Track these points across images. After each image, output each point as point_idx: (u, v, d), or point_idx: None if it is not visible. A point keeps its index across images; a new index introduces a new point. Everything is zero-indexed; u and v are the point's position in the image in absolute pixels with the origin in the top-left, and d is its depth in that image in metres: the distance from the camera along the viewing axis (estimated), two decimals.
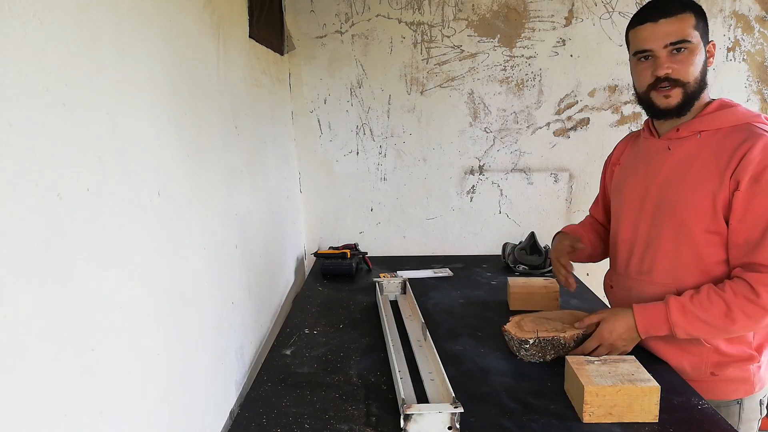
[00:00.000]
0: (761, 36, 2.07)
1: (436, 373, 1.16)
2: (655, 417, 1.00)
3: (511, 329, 1.28)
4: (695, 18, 1.11)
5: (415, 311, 1.47)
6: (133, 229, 0.79)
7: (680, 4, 1.12)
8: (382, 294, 1.65)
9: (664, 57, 1.12)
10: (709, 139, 1.14)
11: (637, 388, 0.99)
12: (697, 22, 1.11)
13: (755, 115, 1.13)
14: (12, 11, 0.54)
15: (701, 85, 1.14)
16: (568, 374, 1.11)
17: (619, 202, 1.34)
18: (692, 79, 1.12)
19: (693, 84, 1.12)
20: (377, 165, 2.24)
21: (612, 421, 1.01)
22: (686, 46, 1.11)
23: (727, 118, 1.14)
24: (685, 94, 1.13)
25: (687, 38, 1.10)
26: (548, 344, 1.23)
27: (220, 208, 1.21)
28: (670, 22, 1.11)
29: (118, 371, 0.73)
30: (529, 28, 2.09)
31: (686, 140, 1.17)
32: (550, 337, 1.23)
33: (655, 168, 1.22)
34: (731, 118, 1.13)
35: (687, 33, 1.10)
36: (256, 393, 1.15)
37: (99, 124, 0.70)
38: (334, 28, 2.11)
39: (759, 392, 1.18)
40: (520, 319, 1.32)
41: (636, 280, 1.27)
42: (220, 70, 1.25)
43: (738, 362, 1.15)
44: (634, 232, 1.27)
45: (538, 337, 1.23)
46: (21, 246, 0.54)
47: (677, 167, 1.17)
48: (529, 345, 1.23)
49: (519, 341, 1.24)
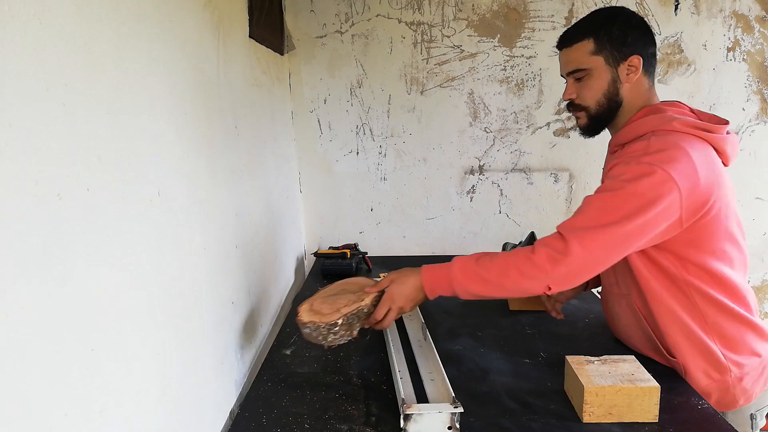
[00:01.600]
0: (761, 36, 2.07)
1: (436, 373, 1.15)
2: (655, 417, 1.00)
3: (313, 318, 1.13)
4: (595, 43, 1.13)
5: (415, 311, 1.47)
6: (133, 229, 0.79)
7: (578, 32, 1.16)
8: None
9: (570, 83, 1.20)
10: (624, 153, 1.14)
11: (637, 388, 0.99)
12: (598, 47, 1.13)
13: (666, 122, 1.10)
14: (12, 11, 0.54)
15: (611, 105, 1.16)
16: (567, 374, 1.11)
17: None
18: (592, 103, 1.17)
19: (595, 107, 1.17)
20: (377, 165, 2.24)
21: (612, 421, 1.01)
22: (582, 74, 1.16)
23: (637, 128, 1.14)
24: (590, 116, 1.19)
25: (581, 66, 1.16)
26: (354, 318, 1.14)
27: (220, 207, 1.21)
28: (569, 51, 1.17)
29: (118, 371, 0.73)
30: (529, 28, 2.09)
31: (615, 154, 1.20)
32: (355, 310, 1.14)
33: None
34: (641, 127, 1.13)
35: (582, 61, 1.15)
36: (256, 393, 1.15)
37: (99, 124, 0.70)
38: (334, 28, 2.11)
39: (745, 405, 1.16)
40: (309, 306, 1.19)
41: (609, 292, 1.30)
42: (220, 70, 1.25)
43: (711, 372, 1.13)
44: None
45: (344, 315, 1.12)
46: (21, 246, 0.54)
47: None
48: (338, 326, 1.12)
49: (328, 326, 1.11)
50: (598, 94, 1.16)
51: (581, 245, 1.04)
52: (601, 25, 1.14)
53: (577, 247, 1.04)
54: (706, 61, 2.09)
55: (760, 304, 2.31)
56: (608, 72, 1.14)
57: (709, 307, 1.11)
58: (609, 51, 1.13)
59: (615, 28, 1.13)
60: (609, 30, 1.13)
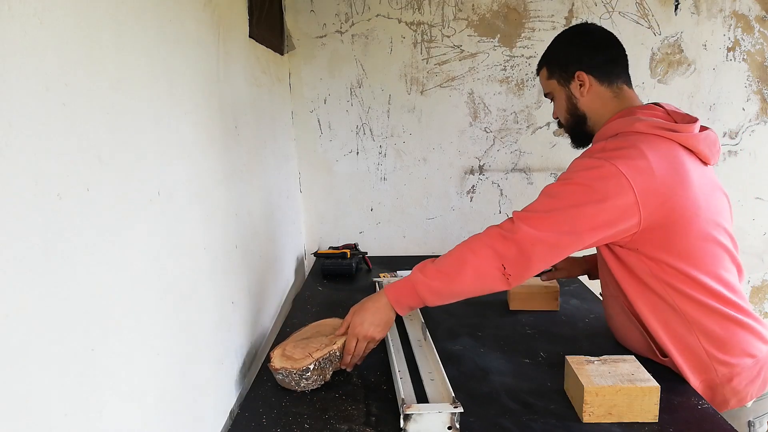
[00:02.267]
0: (761, 36, 2.07)
1: (436, 373, 1.16)
2: (655, 417, 1.01)
3: (285, 364, 1.14)
4: (547, 68, 1.26)
5: (415, 311, 1.47)
6: (133, 229, 0.79)
7: (541, 61, 1.29)
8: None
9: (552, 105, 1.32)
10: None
11: (637, 387, 0.99)
12: (549, 72, 1.26)
13: (628, 124, 1.13)
14: (12, 11, 0.54)
15: (576, 120, 1.25)
16: (567, 374, 1.11)
17: None
18: (562, 118, 1.29)
19: (566, 123, 1.29)
20: (377, 165, 2.24)
21: (612, 421, 1.01)
22: (550, 97, 1.30)
23: (605, 132, 1.18)
24: (566, 129, 1.31)
25: (545, 91, 1.30)
26: (326, 362, 1.14)
27: (220, 207, 1.21)
28: (539, 79, 1.32)
29: (118, 371, 0.73)
30: (529, 28, 2.09)
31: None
32: (327, 354, 1.15)
33: None
34: (608, 131, 1.17)
35: (544, 86, 1.30)
36: (256, 393, 1.15)
37: (99, 124, 0.70)
38: (334, 27, 2.11)
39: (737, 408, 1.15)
40: (281, 352, 1.19)
41: (604, 294, 1.32)
42: (220, 69, 1.25)
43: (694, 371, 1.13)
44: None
45: (316, 360, 1.13)
46: (21, 246, 0.54)
47: None
48: (310, 372, 1.12)
49: (300, 372, 1.11)
50: (563, 112, 1.27)
51: (529, 225, 1.09)
52: (549, 51, 1.27)
53: (524, 227, 1.09)
54: (706, 61, 2.09)
55: (760, 304, 2.31)
56: (563, 92, 1.24)
57: (688, 306, 1.11)
58: (558, 73, 1.24)
59: (558, 50, 1.25)
60: (554, 54, 1.25)
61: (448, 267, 1.13)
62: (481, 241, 1.12)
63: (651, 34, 2.08)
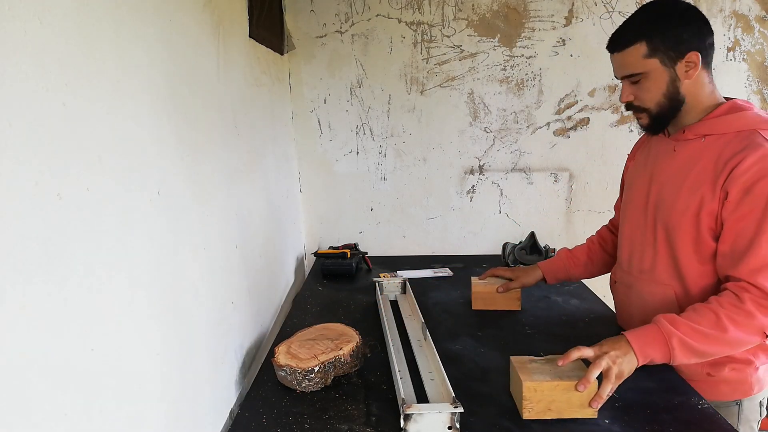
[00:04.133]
0: (761, 36, 2.07)
1: (436, 373, 1.16)
2: (594, 413, 1.00)
3: (290, 362, 1.14)
4: (648, 45, 1.09)
5: (415, 311, 1.47)
6: (133, 229, 0.79)
7: (630, 36, 1.12)
8: (382, 294, 1.64)
9: (626, 86, 1.17)
10: (712, 144, 1.12)
11: (575, 383, 0.99)
12: (651, 49, 1.09)
13: (764, 121, 1.09)
14: (12, 11, 0.54)
15: (672, 104, 1.13)
16: (511, 374, 1.10)
17: (627, 198, 1.35)
18: (652, 104, 1.14)
19: (656, 108, 1.14)
20: (377, 165, 2.24)
21: (552, 417, 1.01)
22: (638, 78, 1.13)
23: (732, 124, 1.11)
24: (651, 117, 1.16)
25: (636, 71, 1.12)
26: (330, 366, 1.15)
27: (220, 207, 1.21)
28: (621, 56, 1.14)
29: (118, 371, 0.73)
30: (529, 28, 2.09)
31: (691, 143, 1.16)
32: (332, 358, 1.15)
33: (660, 168, 1.22)
34: (737, 123, 1.10)
35: (636, 65, 1.12)
36: (256, 393, 1.15)
37: (99, 124, 0.70)
38: (334, 27, 2.11)
39: (758, 394, 1.18)
40: (286, 349, 1.21)
41: (637, 278, 1.27)
42: (220, 69, 1.25)
43: (734, 364, 1.14)
44: (636, 231, 1.28)
45: (322, 362, 1.13)
46: (21, 246, 0.54)
47: (679, 170, 1.17)
48: (314, 374, 1.12)
49: (304, 372, 1.12)
50: (658, 96, 1.13)
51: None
52: (652, 25, 1.10)
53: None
54: None
55: None
56: (666, 73, 1.11)
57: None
58: (664, 52, 1.09)
59: (668, 27, 1.09)
60: (662, 30, 1.09)
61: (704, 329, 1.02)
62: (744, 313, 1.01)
63: None
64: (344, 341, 1.23)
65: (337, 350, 1.18)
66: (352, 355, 1.20)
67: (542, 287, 1.77)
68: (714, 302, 1.04)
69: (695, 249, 1.13)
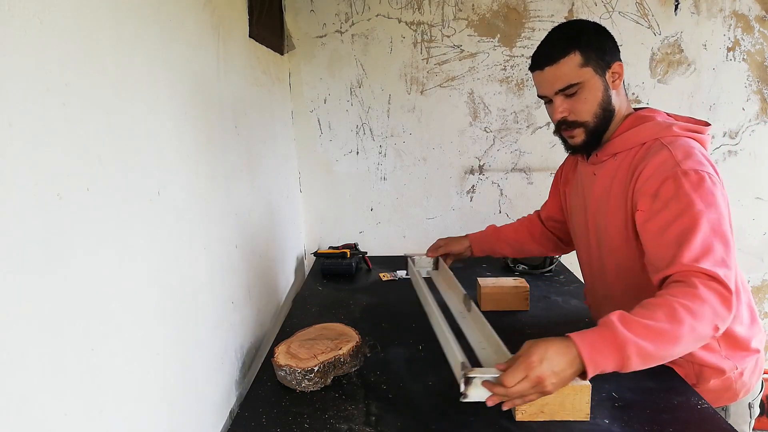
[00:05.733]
0: (761, 36, 2.07)
1: (487, 342, 1.10)
2: (587, 416, 1.00)
3: (290, 362, 1.15)
4: (581, 54, 1.08)
5: (453, 284, 1.40)
6: (133, 229, 0.79)
7: (562, 47, 1.09)
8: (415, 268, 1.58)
9: (558, 102, 1.12)
10: (623, 160, 1.13)
11: (568, 386, 0.98)
12: (585, 58, 1.08)
13: (665, 128, 1.09)
14: (12, 11, 0.54)
15: (606, 115, 1.12)
16: None
17: (571, 226, 1.37)
18: (589, 117, 1.12)
19: (592, 120, 1.12)
20: (377, 165, 2.24)
21: (544, 419, 1.01)
22: (575, 89, 1.10)
23: (636, 137, 1.11)
24: (587, 131, 1.13)
25: (573, 81, 1.09)
26: (330, 366, 1.15)
27: (220, 207, 1.21)
28: (554, 69, 1.10)
29: (118, 371, 0.73)
30: (529, 28, 2.09)
31: (606, 164, 1.17)
32: (332, 358, 1.15)
33: (587, 194, 1.23)
34: (640, 135, 1.11)
35: (573, 76, 1.09)
36: (256, 393, 1.15)
37: (99, 124, 0.70)
38: (334, 27, 2.11)
39: (745, 397, 1.18)
40: (286, 348, 1.21)
41: (603, 302, 1.27)
42: (220, 69, 1.25)
43: (716, 372, 1.14)
44: (588, 259, 1.29)
45: (321, 362, 1.14)
46: (21, 246, 0.54)
47: (602, 193, 1.17)
48: (314, 373, 1.12)
49: (303, 372, 1.12)
50: (594, 106, 1.11)
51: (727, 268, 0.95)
52: (579, 37, 1.10)
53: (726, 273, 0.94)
54: (706, 61, 2.09)
55: (760, 304, 2.31)
56: (600, 81, 1.10)
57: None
58: (594, 60, 1.09)
59: (593, 38, 1.10)
60: (589, 40, 1.09)
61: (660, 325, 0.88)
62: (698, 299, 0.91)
63: (651, 34, 2.08)
64: (344, 341, 1.23)
65: (336, 350, 1.19)
66: (352, 354, 1.20)
67: (542, 287, 1.77)
68: (664, 294, 0.93)
69: (641, 265, 1.10)
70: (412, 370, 1.24)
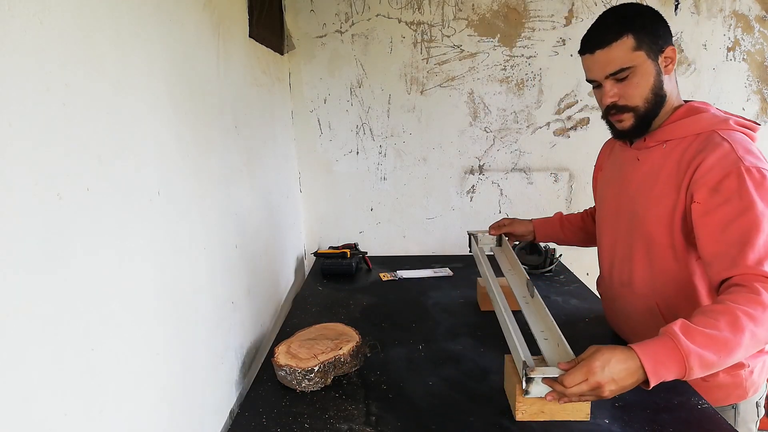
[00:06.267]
0: (761, 36, 2.07)
1: (549, 333, 1.09)
2: (587, 416, 1.00)
3: (290, 362, 1.15)
4: (634, 38, 1.06)
5: (516, 265, 1.38)
6: (133, 229, 0.79)
7: (615, 30, 1.08)
8: (478, 245, 1.54)
9: (609, 86, 1.11)
10: (674, 149, 1.11)
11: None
12: (638, 42, 1.07)
13: (721, 121, 1.09)
14: (12, 11, 0.54)
15: (657, 100, 1.11)
16: (506, 373, 1.10)
17: (600, 211, 1.35)
18: (641, 101, 1.10)
19: (643, 105, 1.10)
20: (377, 165, 2.24)
21: (544, 419, 1.01)
22: (626, 73, 1.08)
23: (691, 127, 1.10)
24: (637, 116, 1.12)
25: (625, 65, 1.07)
26: (330, 366, 1.15)
27: (220, 207, 1.21)
28: (606, 52, 1.08)
29: (118, 371, 0.73)
30: (529, 28, 2.09)
31: (653, 150, 1.16)
32: (332, 358, 1.16)
33: (627, 179, 1.22)
34: (695, 126, 1.10)
35: (625, 60, 1.07)
36: (256, 393, 1.15)
37: (99, 124, 0.70)
38: (334, 27, 2.11)
39: (753, 395, 1.19)
40: (286, 348, 1.22)
41: (619, 291, 1.27)
42: (220, 69, 1.25)
43: (728, 369, 1.13)
44: (613, 244, 1.27)
45: (321, 362, 1.14)
46: (21, 246, 0.54)
47: (645, 179, 1.16)
48: (314, 373, 1.13)
49: (304, 372, 1.12)
50: (646, 91, 1.09)
51: None
52: (632, 20, 1.07)
53: None
54: (706, 61, 2.09)
55: None
56: (652, 66, 1.08)
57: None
58: (648, 44, 1.07)
59: (647, 21, 1.08)
60: (642, 24, 1.07)
61: (723, 335, 0.88)
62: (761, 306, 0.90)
63: None
64: (344, 341, 1.23)
65: (336, 350, 1.19)
66: (352, 354, 1.20)
67: (542, 287, 1.77)
68: (725, 301, 0.93)
69: (674, 256, 1.12)
70: (412, 370, 1.24)
